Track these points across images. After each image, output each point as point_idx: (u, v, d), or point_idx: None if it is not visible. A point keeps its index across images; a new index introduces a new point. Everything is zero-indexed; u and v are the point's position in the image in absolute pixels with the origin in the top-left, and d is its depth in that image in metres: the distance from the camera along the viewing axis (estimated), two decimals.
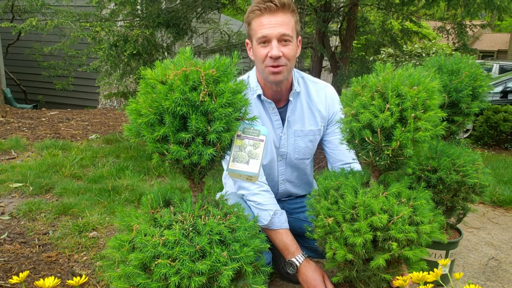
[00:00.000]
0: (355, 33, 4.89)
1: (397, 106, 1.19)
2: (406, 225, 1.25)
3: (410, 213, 1.27)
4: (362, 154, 1.31)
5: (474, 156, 1.79)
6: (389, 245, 1.25)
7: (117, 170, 3.68)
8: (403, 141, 1.19)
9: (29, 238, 2.39)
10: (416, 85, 1.20)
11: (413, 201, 1.30)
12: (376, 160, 1.27)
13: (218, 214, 1.20)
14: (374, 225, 1.24)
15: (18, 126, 5.57)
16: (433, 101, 1.20)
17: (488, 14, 4.60)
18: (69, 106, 8.75)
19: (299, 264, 1.64)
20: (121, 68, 4.22)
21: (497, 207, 3.32)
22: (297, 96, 1.82)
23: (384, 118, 1.19)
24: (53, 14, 5.56)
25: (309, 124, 1.85)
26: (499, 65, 11.11)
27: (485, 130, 6.04)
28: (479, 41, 23.39)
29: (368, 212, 1.27)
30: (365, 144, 1.28)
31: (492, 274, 2.19)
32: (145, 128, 1.10)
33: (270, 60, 1.62)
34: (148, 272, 1.12)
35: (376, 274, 1.37)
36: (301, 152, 1.88)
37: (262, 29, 1.60)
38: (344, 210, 1.31)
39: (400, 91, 1.20)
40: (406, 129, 1.18)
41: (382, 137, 1.23)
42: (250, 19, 1.65)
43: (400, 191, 1.33)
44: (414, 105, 1.19)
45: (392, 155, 1.23)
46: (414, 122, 1.18)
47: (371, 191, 1.33)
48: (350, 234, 1.27)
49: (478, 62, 3.63)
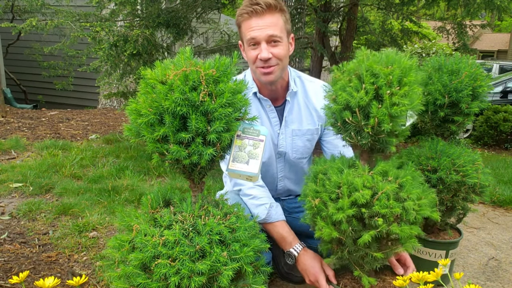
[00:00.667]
0: (355, 33, 4.89)
1: (372, 84, 1.23)
2: (391, 201, 1.27)
3: (395, 189, 1.29)
4: (345, 135, 1.35)
5: (474, 156, 1.79)
6: (375, 222, 1.27)
7: (117, 170, 3.68)
8: (380, 117, 1.22)
9: (29, 238, 2.39)
10: (391, 64, 1.24)
11: (400, 179, 1.31)
12: (359, 139, 1.30)
13: (218, 214, 1.20)
14: (358, 202, 1.27)
15: (18, 126, 5.58)
16: (409, 78, 1.23)
17: (488, 14, 4.60)
18: (69, 106, 8.75)
19: (297, 253, 1.66)
20: (121, 68, 4.22)
21: (497, 207, 3.32)
22: (294, 95, 1.83)
23: (360, 97, 1.23)
24: (53, 14, 5.57)
25: (306, 123, 1.86)
26: (499, 65, 11.12)
27: (485, 130, 6.04)
28: (479, 41, 23.39)
29: (352, 190, 1.30)
30: (347, 126, 1.31)
31: (492, 274, 2.19)
32: (145, 128, 1.10)
33: (260, 62, 1.65)
34: (148, 272, 1.12)
35: (367, 253, 1.38)
36: (299, 152, 1.89)
37: (251, 32, 1.62)
38: (330, 191, 1.34)
39: (374, 70, 1.23)
40: (382, 106, 1.22)
41: (361, 117, 1.26)
42: (240, 22, 1.67)
43: (387, 170, 1.34)
44: (389, 83, 1.22)
45: (373, 132, 1.26)
46: (390, 98, 1.21)
47: (356, 171, 1.36)
48: (334, 212, 1.30)
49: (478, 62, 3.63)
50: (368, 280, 1.42)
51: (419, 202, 1.31)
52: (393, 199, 1.27)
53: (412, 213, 1.28)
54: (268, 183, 1.83)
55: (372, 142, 1.30)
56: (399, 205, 1.27)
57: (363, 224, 1.32)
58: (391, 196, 1.27)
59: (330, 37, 5.25)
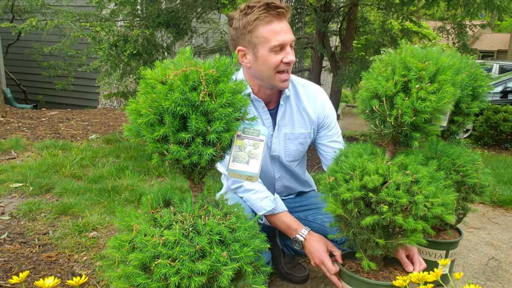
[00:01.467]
0: (355, 33, 4.90)
1: (403, 77, 1.24)
2: (400, 191, 1.28)
3: (408, 182, 1.30)
4: (371, 123, 1.37)
5: (474, 156, 1.79)
6: (381, 208, 1.30)
7: (117, 170, 3.68)
8: (404, 109, 1.23)
9: (29, 238, 2.39)
10: (427, 60, 1.25)
11: (417, 175, 1.33)
12: (382, 129, 1.33)
13: (218, 214, 1.20)
14: (368, 186, 1.30)
15: (18, 126, 5.58)
16: (443, 76, 1.23)
17: (488, 14, 4.60)
18: (69, 106, 8.75)
19: (303, 238, 1.68)
20: (121, 68, 4.22)
21: (497, 207, 3.32)
22: (287, 99, 1.83)
23: (388, 86, 1.25)
24: (53, 14, 5.57)
25: (299, 127, 1.85)
26: (499, 65, 11.12)
27: (485, 130, 6.04)
28: (479, 41, 23.40)
29: (365, 174, 1.33)
30: (374, 114, 1.34)
31: (492, 274, 2.20)
32: (145, 128, 1.10)
33: (284, 66, 1.62)
34: (148, 272, 1.12)
35: (370, 238, 1.41)
36: (291, 155, 1.89)
37: (278, 36, 1.57)
38: (345, 171, 1.39)
39: (408, 63, 1.25)
40: (408, 98, 1.23)
41: (387, 106, 1.28)
42: (255, 25, 1.58)
43: (407, 163, 1.35)
44: (420, 77, 1.23)
45: (395, 123, 1.28)
46: (417, 93, 1.22)
47: (375, 158, 1.39)
48: (344, 191, 1.34)
49: (478, 62, 3.63)
50: (369, 263, 1.45)
51: (433, 200, 1.31)
52: (403, 191, 1.29)
53: (422, 209, 1.29)
54: (266, 184, 1.83)
55: (395, 134, 1.32)
56: (408, 197, 1.29)
57: (372, 210, 1.34)
58: (402, 187, 1.29)
59: (330, 37, 5.25)
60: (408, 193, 1.30)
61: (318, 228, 1.83)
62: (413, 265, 1.51)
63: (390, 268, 1.56)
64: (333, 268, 1.56)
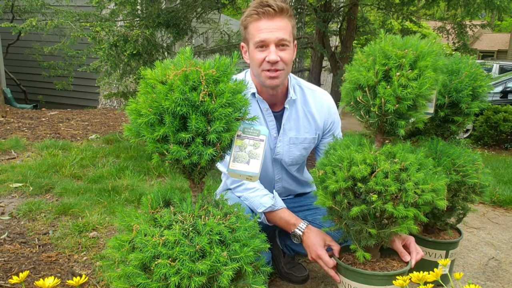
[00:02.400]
0: (355, 33, 4.89)
1: (383, 66, 1.25)
2: (388, 180, 1.28)
3: (396, 170, 1.30)
4: (356, 114, 1.38)
5: (474, 156, 1.79)
6: (370, 197, 1.30)
7: (117, 170, 3.68)
8: (386, 97, 1.24)
9: (29, 238, 2.39)
10: (407, 48, 1.26)
11: (405, 162, 1.32)
12: (367, 119, 1.33)
13: (218, 214, 1.20)
14: (356, 176, 1.30)
15: (18, 126, 5.57)
16: (423, 62, 1.24)
17: (488, 14, 4.60)
18: (69, 106, 8.75)
19: (301, 232, 1.69)
20: (121, 68, 4.22)
21: (497, 207, 3.32)
22: (293, 103, 1.82)
23: (369, 76, 1.26)
24: (53, 14, 5.56)
25: (304, 131, 1.85)
26: (499, 65, 11.12)
27: (485, 130, 6.04)
28: (479, 41, 23.40)
29: (352, 164, 1.33)
30: (359, 105, 1.34)
31: (492, 274, 2.20)
32: (145, 128, 1.10)
33: (267, 65, 1.62)
34: (148, 272, 1.12)
35: (362, 229, 1.41)
36: (294, 160, 1.89)
37: (260, 34, 1.60)
38: (333, 164, 1.39)
39: (387, 52, 1.26)
40: (390, 87, 1.24)
41: (370, 96, 1.29)
42: (247, 22, 1.65)
43: (395, 152, 1.35)
44: (400, 65, 1.24)
45: (379, 112, 1.29)
46: (399, 80, 1.23)
47: (362, 148, 1.38)
48: (332, 182, 1.35)
49: (478, 62, 3.63)
50: (364, 254, 1.45)
51: (423, 186, 1.31)
52: (392, 179, 1.29)
53: (412, 196, 1.29)
54: (266, 185, 1.83)
55: (381, 123, 1.32)
56: (397, 184, 1.29)
57: (362, 200, 1.35)
58: (390, 175, 1.29)
59: (330, 37, 5.25)
60: (397, 180, 1.30)
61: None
62: (410, 254, 1.51)
63: (387, 259, 1.56)
64: (330, 262, 1.55)
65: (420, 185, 1.31)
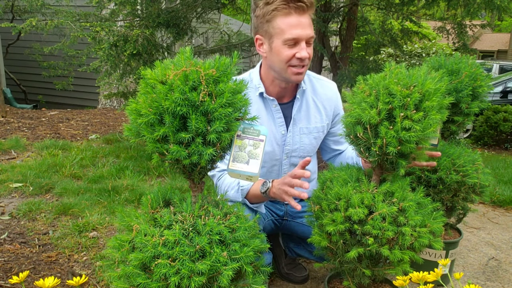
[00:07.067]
0: (355, 33, 4.89)
1: (387, 104, 1.20)
2: (385, 224, 1.26)
3: (394, 212, 1.27)
4: (356, 149, 1.35)
5: (474, 156, 1.79)
6: (366, 240, 1.28)
7: (117, 170, 3.68)
8: (388, 139, 1.20)
9: (29, 238, 2.39)
10: (413, 85, 1.20)
11: (403, 203, 1.29)
12: (367, 156, 1.30)
13: (218, 214, 1.20)
14: (352, 218, 1.27)
15: (18, 126, 5.57)
16: (429, 103, 1.19)
17: (488, 14, 4.60)
18: (69, 106, 8.75)
19: (270, 184, 1.56)
20: (121, 68, 4.22)
21: (497, 207, 3.32)
22: (303, 93, 1.81)
23: (371, 115, 1.22)
24: (53, 14, 5.57)
25: (314, 121, 1.84)
26: (499, 65, 11.12)
27: (485, 130, 6.04)
28: (479, 41, 23.39)
29: (350, 206, 1.30)
30: (358, 140, 1.31)
31: (492, 274, 2.19)
32: (145, 128, 1.10)
33: (297, 61, 1.59)
34: (148, 272, 1.11)
35: (356, 267, 1.39)
36: (305, 150, 1.86)
37: (293, 30, 1.55)
38: (330, 200, 1.35)
39: (392, 90, 1.21)
40: (393, 128, 1.19)
41: (372, 134, 1.25)
42: (273, 16, 1.57)
43: (394, 190, 1.33)
44: (405, 105, 1.19)
45: (380, 152, 1.25)
46: (401, 122, 1.19)
47: (360, 186, 1.35)
48: (328, 222, 1.31)
49: (478, 62, 3.63)
50: None
51: (420, 230, 1.29)
52: (389, 222, 1.26)
53: (409, 239, 1.27)
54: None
55: (381, 161, 1.28)
56: (394, 229, 1.26)
57: (358, 240, 1.32)
58: (388, 218, 1.26)
59: (330, 37, 5.24)
60: (394, 223, 1.28)
61: None
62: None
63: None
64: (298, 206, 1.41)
65: (417, 228, 1.29)
